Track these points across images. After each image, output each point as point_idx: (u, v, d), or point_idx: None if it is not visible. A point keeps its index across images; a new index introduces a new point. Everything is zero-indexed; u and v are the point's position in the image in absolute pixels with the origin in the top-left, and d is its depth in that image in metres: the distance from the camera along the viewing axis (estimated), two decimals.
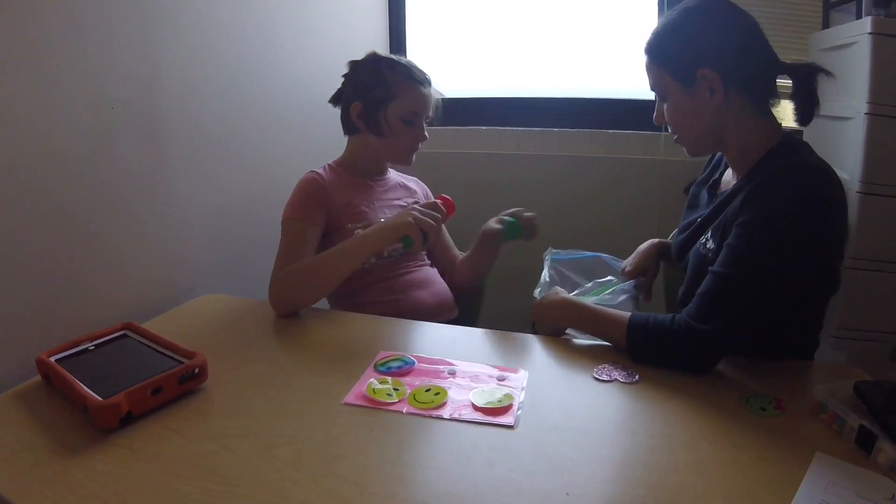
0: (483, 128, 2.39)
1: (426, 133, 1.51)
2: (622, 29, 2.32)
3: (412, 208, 1.33)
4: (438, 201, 1.37)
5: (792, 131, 1.13)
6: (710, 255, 1.11)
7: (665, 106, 1.15)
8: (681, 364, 1.06)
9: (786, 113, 1.14)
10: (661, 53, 1.12)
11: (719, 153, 1.32)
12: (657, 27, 1.13)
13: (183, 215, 1.49)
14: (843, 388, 0.90)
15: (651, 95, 1.20)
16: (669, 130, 1.18)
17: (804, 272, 1.01)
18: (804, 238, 0.99)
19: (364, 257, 1.34)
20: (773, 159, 1.07)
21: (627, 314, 1.12)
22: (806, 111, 1.09)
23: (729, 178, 1.23)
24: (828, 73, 1.08)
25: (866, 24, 1.54)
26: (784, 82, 1.11)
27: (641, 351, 1.09)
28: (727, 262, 1.02)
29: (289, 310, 1.32)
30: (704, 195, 1.29)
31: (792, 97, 1.10)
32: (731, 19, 1.08)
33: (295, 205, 1.42)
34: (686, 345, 1.03)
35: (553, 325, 1.24)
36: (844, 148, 1.61)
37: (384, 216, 1.47)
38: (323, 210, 1.42)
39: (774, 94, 1.11)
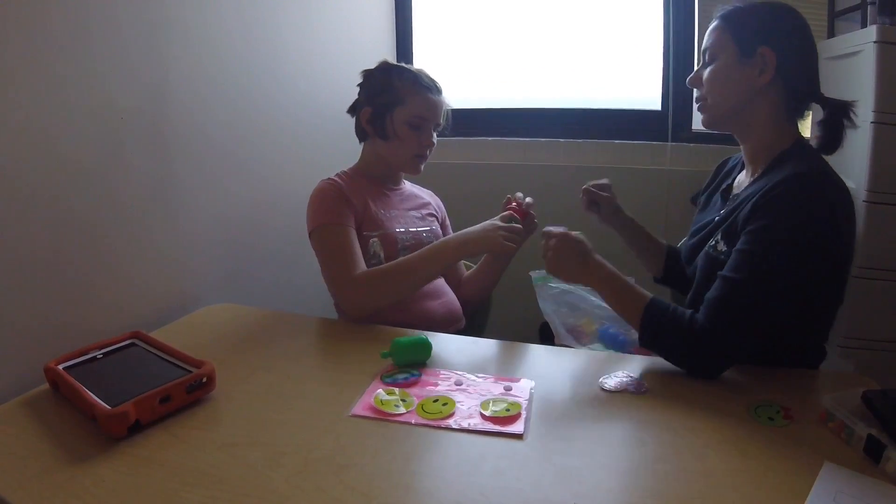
0: (489, 138, 2.40)
1: (433, 140, 1.51)
2: (628, 39, 2.32)
3: (495, 225, 1.34)
4: (515, 215, 1.38)
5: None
6: (721, 257, 1.11)
7: (708, 70, 1.17)
8: (688, 365, 1.06)
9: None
10: (736, 19, 1.14)
11: (731, 163, 1.33)
12: (742, 2, 1.17)
13: (191, 225, 1.50)
14: (851, 397, 0.90)
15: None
16: (696, 94, 1.21)
17: (812, 280, 1.01)
18: (813, 246, 0.99)
19: (447, 264, 1.39)
20: (785, 163, 1.08)
21: (650, 295, 1.10)
22: (830, 142, 1.12)
23: (741, 180, 1.24)
24: (852, 121, 1.12)
25: (872, 32, 1.54)
26: None
27: (652, 338, 1.08)
28: (737, 268, 1.02)
29: (368, 312, 1.34)
30: (718, 199, 1.29)
31: (821, 126, 1.12)
32: (803, 30, 1.12)
33: (323, 210, 1.40)
34: (697, 348, 1.03)
35: (568, 275, 1.19)
36: (851, 156, 1.60)
37: (399, 225, 1.48)
38: (350, 213, 1.41)
39: (804, 110, 1.15)
